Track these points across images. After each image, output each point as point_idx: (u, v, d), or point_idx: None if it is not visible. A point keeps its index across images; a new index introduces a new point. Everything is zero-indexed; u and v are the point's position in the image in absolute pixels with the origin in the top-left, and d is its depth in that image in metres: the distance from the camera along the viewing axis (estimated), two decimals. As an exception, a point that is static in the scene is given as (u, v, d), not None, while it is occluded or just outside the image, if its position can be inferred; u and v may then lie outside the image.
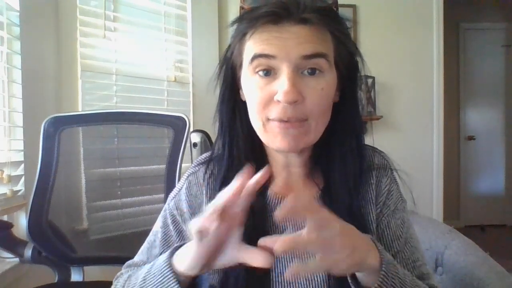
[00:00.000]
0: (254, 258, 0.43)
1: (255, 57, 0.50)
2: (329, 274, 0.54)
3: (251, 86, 0.52)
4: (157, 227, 0.64)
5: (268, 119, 0.52)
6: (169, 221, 0.62)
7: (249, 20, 0.51)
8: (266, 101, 0.51)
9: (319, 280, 0.54)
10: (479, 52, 3.87)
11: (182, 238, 0.60)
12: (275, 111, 0.50)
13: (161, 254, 0.60)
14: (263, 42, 0.50)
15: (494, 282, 0.72)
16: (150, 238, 0.64)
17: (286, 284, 0.55)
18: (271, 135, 0.52)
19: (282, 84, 0.48)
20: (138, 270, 0.57)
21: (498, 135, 3.94)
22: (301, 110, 0.50)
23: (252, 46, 0.51)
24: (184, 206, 0.60)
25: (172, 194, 0.64)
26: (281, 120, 0.50)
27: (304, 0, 0.50)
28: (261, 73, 0.51)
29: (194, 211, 0.60)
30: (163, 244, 0.61)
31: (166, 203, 0.64)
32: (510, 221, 3.89)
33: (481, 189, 3.95)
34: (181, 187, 0.63)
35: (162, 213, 0.64)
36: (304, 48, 0.49)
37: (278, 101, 0.49)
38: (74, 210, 1.18)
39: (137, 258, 0.64)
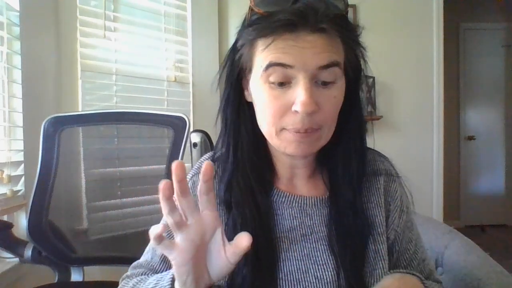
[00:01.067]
0: (240, 245, 0.43)
1: (271, 65, 0.49)
2: (338, 273, 0.54)
3: (264, 95, 0.51)
4: None
5: (282, 129, 0.51)
6: None
7: (263, 28, 0.50)
8: (282, 111, 0.50)
9: (328, 279, 0.54)
10: (479, 52, 3.87)
11: None
12: (291, 121, 0.50)
13: (162, 254, 0.60)
14: (278, 50, 0.49)
15: (494, 282, 0.72)
16: None
17: (294, 283, 0.54)
18: (284, 142, 0.52)
19: (299, 94, 0.48)
20: (143, 282, 0.57)
21: (498, 135, 3.94)
22: (316, 119, 0.50)
23: (266, 53, 0.50)
24: None
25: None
26: (297, 131, 0.50)
27: (320, 8, 0.48)
28: (276, 83, 0.50)
29: None
30: None
31: None
32: (510, 221, 3.90)
33: (481, 189, 3.95)
34: None
35: None
36: (321, 58, 0.48)
37: (296, 111, 0.49)
38: (74, 210, 1.18)
39: (142, 258, 0.64)
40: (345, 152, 0.58)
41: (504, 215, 3.90)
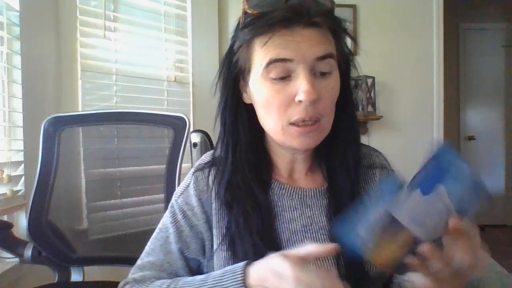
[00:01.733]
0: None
1: (271, 62, 0.52)
2: (339, 262, 0.55)
3: (266, 91, 0.53)
4: (165, 224, 0.64)
5: (288, 123, 0.53)
6: (179, 217, 0.62)
7: (259, 27, 0.52)
8: (287, 103, 0.52)
9: (329, 268, 0.56)
10: (479, 52, 3.87)
11: (195, 232, 0.61)
12: (296, 112, 0.52)
13: (179, 249, 0.60)
14: (276, 46, 0.51)
15: (494, 282, 0.72)
16: (159, 235, 0.63)
17: None
18: (289, 137, 0.54)
19: (301, 85, 0.51)
20: (177, 282, 0.56)
21: (498, 135, 3.94)
22: (317, 109, 0.52)
23: (265, 51, 0.52)
24: (194, 201, 0.61)
25: (178, 191, 0.64)
26: (302, 122, 0.52)
27: (311, 5, 0.52)
28: (277, 78, 0.52)
29: (203, 205, 0.61)
30: (178, 240, 0.61)
31: (173, 200, 0.64)
32: (510, 221, 3.90)
33: (481, 189, 3.94)
34: (189, 183, 0.63)
35: (169, 209, 0.64)
36: (318, 50, 0.51)
37: (300, 101, 0.51)
38: (74, 210, 1.17)
39: (150, 258, 0.62)
40: (341, 145, 0.60)
41: (504, 215, 3.90)
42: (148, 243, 0.64)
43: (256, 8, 0.53)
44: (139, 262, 0.63)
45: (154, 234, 0.64)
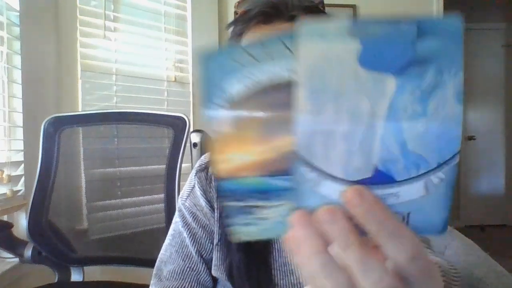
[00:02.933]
0: None
1: None
2: None
3: None
4: (177, 230, 0.63)
5: None
6: (190, 220, 0.62)
7: (243, 22, 0.55)
8: None
9: None
10: (479, 52, 3.87)
11: (208, 232, 0.61)
12: None
13: (197, 252, 0.60)
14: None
15: (494, 282, 0.72)
16: (173, 241, 0.63)
17: (287, 274, 0.55)
18: None
19: None
20: None
21: (498, 135, 3.94)
22: None
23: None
24: (202, 201, 0.61)
25: (184, 194, 0.64)
26: None
27: (292, 0, 0.54)
28: None
29: (211, 204, 0.61)
30: (194, 243, 0.61)
31: (180, 204, 0.64)
32: (510, 221, 3.90)
33: (481, 189, 3.95)
34: (193, 185, 0.63)
35: (178, 214, 0.64)
36: None
37: None
38: (74, 210, 1.18)
39: (169, 266, 0.60)
40: None
41: (504, 215, 3.90)
42: (162, 251, 0.63)
43: (242, 7, 0.57)
44: (156, 271, 0.61)
45: (167, 241, 0.63)
